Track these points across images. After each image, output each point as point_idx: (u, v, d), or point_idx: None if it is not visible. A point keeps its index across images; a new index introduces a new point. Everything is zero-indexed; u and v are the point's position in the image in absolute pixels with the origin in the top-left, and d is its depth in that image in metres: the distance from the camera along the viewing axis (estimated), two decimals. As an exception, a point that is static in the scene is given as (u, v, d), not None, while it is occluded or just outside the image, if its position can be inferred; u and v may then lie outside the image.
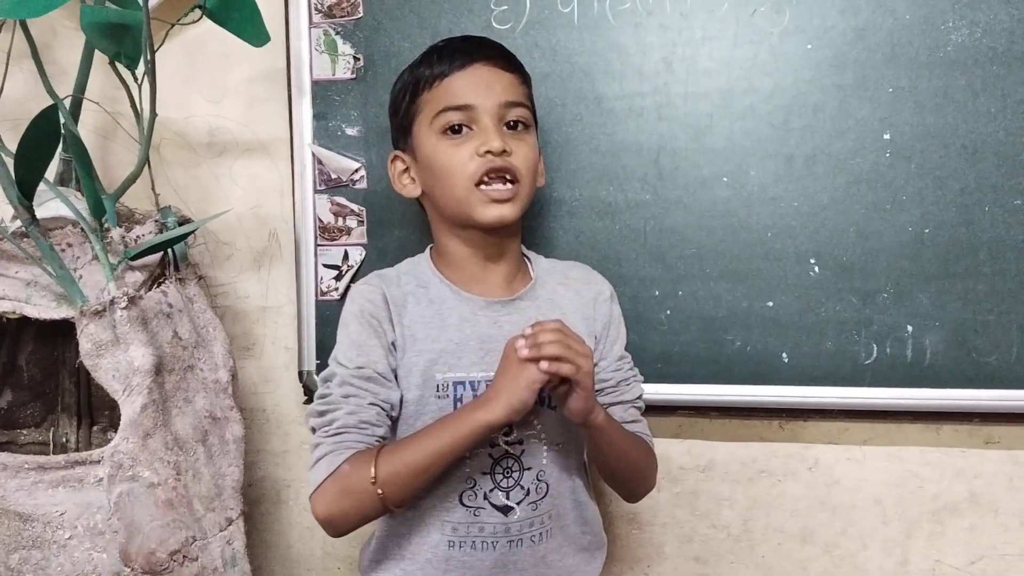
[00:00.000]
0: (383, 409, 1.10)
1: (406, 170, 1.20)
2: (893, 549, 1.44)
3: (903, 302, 1.32)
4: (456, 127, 1.12)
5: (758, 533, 1.47)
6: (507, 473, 1.12)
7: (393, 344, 1.14)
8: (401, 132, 1.21)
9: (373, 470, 1.03)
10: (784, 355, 1.36)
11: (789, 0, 1.31)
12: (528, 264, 1.25)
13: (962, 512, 1.42)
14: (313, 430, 1.11)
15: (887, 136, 1.30)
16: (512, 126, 1.14)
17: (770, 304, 1.35)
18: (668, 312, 1.38)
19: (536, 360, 0.99)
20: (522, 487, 1.13)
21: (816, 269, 1.34)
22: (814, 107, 1.32)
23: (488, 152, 1.10)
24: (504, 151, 1.10)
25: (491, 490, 1.12)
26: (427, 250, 1.24)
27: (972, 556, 1.42)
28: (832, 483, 1.44)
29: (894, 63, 1.29)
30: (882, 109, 1.30)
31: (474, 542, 1.12)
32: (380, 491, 1.03)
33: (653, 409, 1.38)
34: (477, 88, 1.12)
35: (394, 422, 1.14)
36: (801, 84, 1.32)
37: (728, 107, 1.34)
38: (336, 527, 1.08)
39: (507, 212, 1.12)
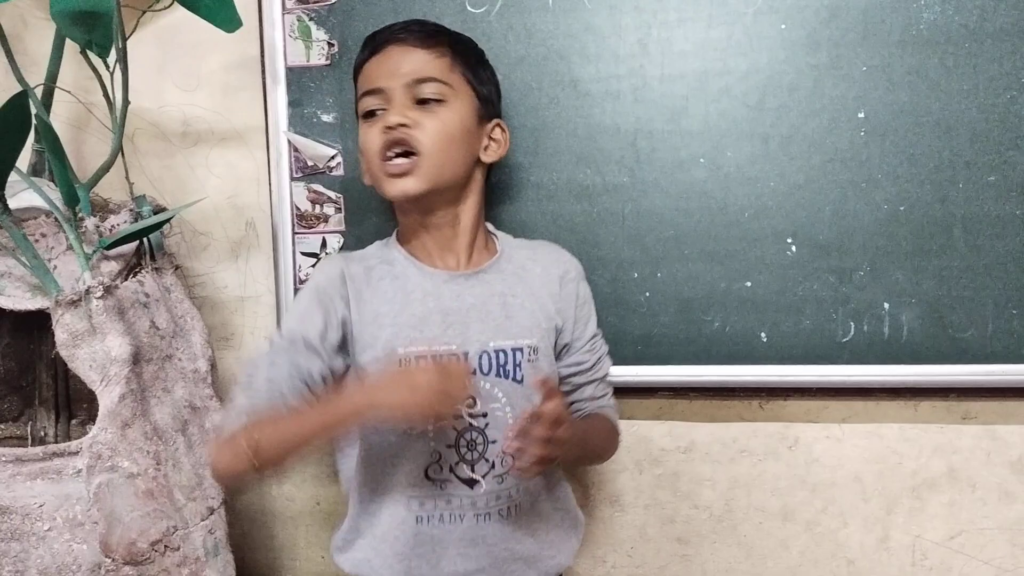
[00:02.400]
0: (300, 379, 1.11)
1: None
2: (873, 526, 1.45)
3: (879, 279, 1.33)
4: (373, 111, 1.15)
5: (739, 512, 1.48)
6: (471, 446, 1.13)
7: (345, 321, 1.14)
8: (357, 119, 1.23)
9: (251, 431, 1.04)
10: (762, 335, 1.36)
11: (762, -20, 1.32)
12: (494, 240, 1.25)
13: (941, 488, 1.43)
14: (239, 382, 1.13)
15: (861, 115, 1.31)
16: (424, 102, 1.14)
17: (748, 284, 1.36)
18: (647, 294, 1.38)
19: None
20: (487, 460, 1.13)
21: (793, 248, 1.34)
22: (789, 87, 1.32)
23: (387, 128, 1.12)
24: (401, 124, 1.11)
25: (456, 463, 1.13)
26: (394, 232, 1.25)
27: (951, 531, 1.44)
28: (812, 461, 1.45)
29: (867, 42, 1.30)
30: (856, 88, 1.31)
31: (442, 515, 1.13)
32: (251, 454, 1.03)
33: (633, 391, 1.40)
34: (386, 71, 1.14)
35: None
36: (776, 64, 1.32)
37: (704, 88, 1.34)
38: (219, 477, 1.15)
39: (408, 185, 1.12)
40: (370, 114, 1.15)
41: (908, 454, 1.43)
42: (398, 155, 1.12)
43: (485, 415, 1.13)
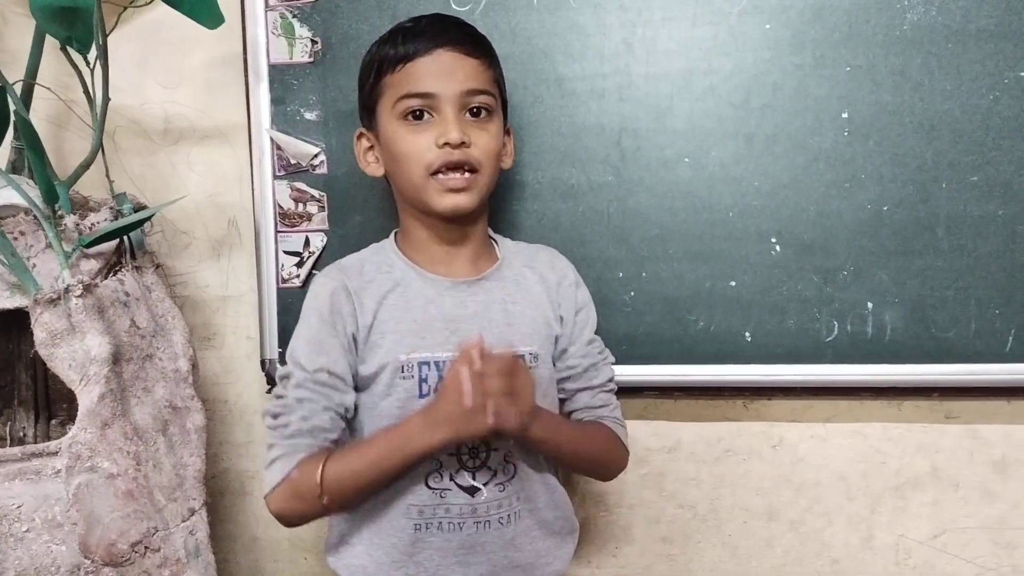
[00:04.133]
0: (337, 413, 1.11)
1: (371, 148, 1.20)
2: (858, 525, 1.45)
3: (863, 279, 1.33)
4: (417, 112, 1.12)
5: (724, 512, 1.48)
6: (473, 454, 1.12)
7: (354, 338, 1.13)
8: (366, 111, 1.20)
9: (319, 478, 1.05)
10: (747, 334, 1.36)
11: (747, -20, 1.32)
12: (495, 245, 1.24)
13: (924, 487, 1.43)
14: (270, 427, 1.11)
15: (845, 115, 1.31)
16: (475, 113, 1.13)
17: (732, 284, 1.36)
18: (632, 293, 1.38)
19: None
20: (489, 468, 1.12)
21: (777, 248, 1.34)
22: (773, 86, 1.32)
23: (447, 144, 1.10)
24: (463, 143, 1.10)
25: (457, 471, 1.11)
26: (392, 235, 1.23)
27: (935, 530, 1.44)
28: (797, 460, 1.45)
29: (851, 42, 1.30)
30: (840, 88, 1.31)
31: (440, 523, 1.11)
32: (325, 499, 1.05)
33: (619, 391, 1.38)
34: (439, 75, 1.11)
35: (356, 409, 1.14)
36: (760, 64, 1.32)
37: (688, 88, 1.34)
38: (288, 523, 1.12)
39: (463, 201, 1.12)
40: (415, 115, 1.12)
41: (892, 453, 1.43)
42: (459, 170, 1.11)
43: None
